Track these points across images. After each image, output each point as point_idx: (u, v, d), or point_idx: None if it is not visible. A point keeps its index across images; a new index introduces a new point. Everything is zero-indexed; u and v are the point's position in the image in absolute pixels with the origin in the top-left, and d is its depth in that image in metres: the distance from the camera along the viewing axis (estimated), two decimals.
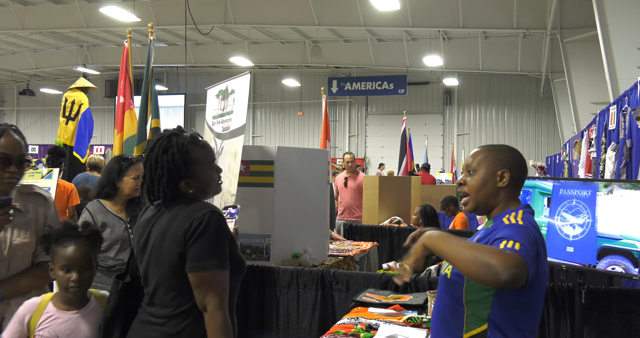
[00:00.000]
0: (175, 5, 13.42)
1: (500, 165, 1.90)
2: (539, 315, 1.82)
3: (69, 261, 2.06)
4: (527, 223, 1.77)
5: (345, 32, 16.84)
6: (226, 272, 1.89)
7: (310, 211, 4.51)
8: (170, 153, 1.97)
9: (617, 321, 3.22)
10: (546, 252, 1.82)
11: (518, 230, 1.70)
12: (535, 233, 1.75)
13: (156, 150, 1.99)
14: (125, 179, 3.29)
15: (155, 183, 1.97)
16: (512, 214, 1.82)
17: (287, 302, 3.87)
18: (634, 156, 4.04)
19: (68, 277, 2.05)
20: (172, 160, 1.96)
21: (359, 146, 22.28)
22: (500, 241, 1.65)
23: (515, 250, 1.59)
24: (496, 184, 1.89)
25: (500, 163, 1.91)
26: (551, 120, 19.02)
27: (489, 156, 1.93)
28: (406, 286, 3.69)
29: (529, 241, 1.65)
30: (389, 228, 6.74)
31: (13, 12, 14.84)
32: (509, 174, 1.89)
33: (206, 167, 2.04)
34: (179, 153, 1.97)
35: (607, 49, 6.83)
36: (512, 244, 1.61)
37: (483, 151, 1.96)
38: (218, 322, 1.85)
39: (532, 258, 1.61)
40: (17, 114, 26.53)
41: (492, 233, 1.79)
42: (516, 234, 1.67)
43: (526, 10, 12.20)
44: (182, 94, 22.99)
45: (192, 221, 1.88)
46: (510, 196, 1.90)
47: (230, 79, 4.50)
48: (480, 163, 1.93)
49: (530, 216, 1.85)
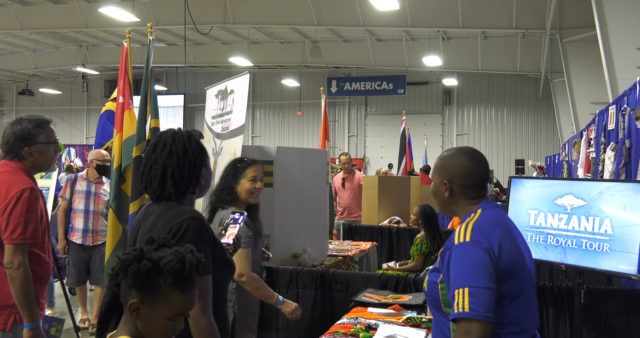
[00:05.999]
0: (174, 5, 13.42)
1: (442, 176, 1.95)
2: (526, 301, 1.81)
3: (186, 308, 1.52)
4: (475, 234, 1.77)
5: (345, 32, 16.84)
6: (208, 277, 1.89)
7: (309, 211, 4.51)
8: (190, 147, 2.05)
9: (617, 321, 3.23)
10: (512, 236, 1.83)
11: (462, 262, 1.73)
12: (486, 233, 1.77)
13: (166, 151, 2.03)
14: (242, 181, 3.07)
15: (186, 171, 2.00)
16: (466, 221, 1.84)
17: None
18: (633, 156, 4.04)
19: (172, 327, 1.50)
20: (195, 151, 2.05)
21: (358, 146, 22.28)
22: (452, 298, 1.70)
23: (466, 312, 1.65)
24: (444, 194, 1.94)
25: (442, 173, 1.95)
26: (550, 120, 19.03)
27: (437, 166, 1.99)
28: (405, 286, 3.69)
29: (477, 265, 1.70)
30: (388, 228, 6.75)
31: (12, 12, 14.82)
32: (449, 185, 1.92)
33: (206, 165, 2.11)
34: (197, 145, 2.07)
35: (606, 49, 6.83)
36: (462, 301, 1.67)
37: (437, 160, 2.02)
38: (202, 327, 1.85)
39: (484, 287, 1.68)
40: (16, 114, 26.45)
41: (447, 248, 1.82)
42: (460, 273, 1.72)
43: (525, 10, 12.20)
44: (181, 94, 22.97)
45: (172, 227, 1.90)
46: (464, 201, 1.93)
47: (230, 79, 4.50)
48: (432, 174, 2.02)
49: (488, 212, 1.86)
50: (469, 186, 1.92)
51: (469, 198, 1.92)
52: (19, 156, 2.61)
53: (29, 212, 2.49)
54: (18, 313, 2.52)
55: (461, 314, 1.66)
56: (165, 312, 1.45)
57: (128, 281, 1.45)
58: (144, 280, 1.44)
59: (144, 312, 1.45)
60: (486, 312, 1.66)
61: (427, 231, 5.14)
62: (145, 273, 1.43)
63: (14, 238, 2.46)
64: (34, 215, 2.52)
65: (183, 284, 1.45)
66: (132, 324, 1.50)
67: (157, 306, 1.44)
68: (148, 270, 1.43)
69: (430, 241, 5.10)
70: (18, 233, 2.46)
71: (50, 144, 2.69)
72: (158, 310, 1.44)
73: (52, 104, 25.34)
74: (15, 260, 2.44)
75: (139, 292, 1.44)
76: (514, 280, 1.76)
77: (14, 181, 2.53)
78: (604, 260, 2.83)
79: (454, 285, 1.71)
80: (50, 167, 2.75)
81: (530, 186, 3.25)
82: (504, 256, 1.75)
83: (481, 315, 1.65)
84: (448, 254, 1.78)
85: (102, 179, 5.31)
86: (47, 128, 2.70)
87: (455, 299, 1.68)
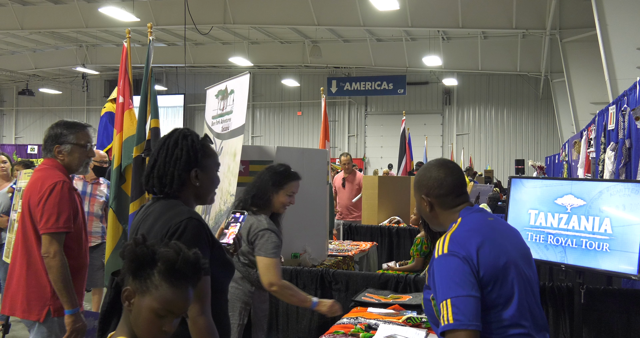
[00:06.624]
0: (174, 5, 13.42)
1: (419, 192, 1.98)
2: (523, 302, 1.79)
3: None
4: (451, 245, 1.77)
5: (345, 32, 16.85)
6: (206, 278, 1.88)
7: (309, 211, 4.51)
8: (189, 139, 2.03)
9: (617, 321, 3.22)
10: (494, 240, 1.81)
11: (442, 275, 1.73)
12: (463, 242, 1.77)
13: (175, 135, 2.04)
14: (281, 192, 3.04)
15: (171, 165, 1.99)
16: (445, 233, 1.85)
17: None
18: (633, 156, 4.04)
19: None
20: (191, 145, 2.02)
21: (358, 146, 22.29)
22: (439, 314, 1.70)
23: (450, 324, 1.65)
24: (426, 210, 1.96)
25: (419, 189, 1.98)
26: (550, 120, 19.04)
27: (414, 184, 2.02)
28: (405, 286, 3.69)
29: (456, 275, 1.70)
30: (388, 228, 6.74)
31: (12, 12, 14.83)
32: (427, 199, 1.94)
33: (215, 166, 2.10)
34: (198, 140, 2.05)
35: (606, 49, 6.83)
36: (446, 314, 1.66)
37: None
38: (201, 328, 1.85)
39: (466, 296, 1.67)
40: (16, 114, 26.52)
41: (431, 263, 1.83)
42: (441, 285, 1.72)
43: (525, 10, 12.21)
44: (181, 94, 22.99)
45: (169, 227, 1.90)
46: (444, 212, 1.94)
47: (230, 79, 4.49)
48: (414, 194, 2.04)
49: (467, 219, 1.86)
50: (443, 194, 1.92)
51: (448, 207, 1.93)
52: (51, 152, 2.81)
53: (61, 203, 2.66)
54: (52, 305, 2.67)
55: (447, 326, 1.65)
56: (154, 304, 1.44)
57: (125, 265, 1.49)
58: (138, 265, 1.46)
59: (136, 303, 1.47)
60: (471, 321, 1.64)
61: (427, 231, 5.14)
62: (140, 257, 1.46)
63: (48, 227, 2.63)
64: (67, 206, 2.68)
65: (175, 278, 1.46)
66: (129, 323, 1.51)
67: (147, 297, 1.45)
68: (143, 254, 1.46)
69: (430, 241, 5.09)
70: (52, 222, 2.63)
71: (79, 145, 2.82)
72: (147, 302, 1.45)
73: (52, 104, 25.35)
74: (52, 249, 2.61)
75: (133, 280, 1.47)
76: (500, 286, 1.75)
77: (48, 176, 2.72)
78: (604, 260, 2.83)
79: (438, 299, 1.71)
80: (80, 169, 2.88)
81: (531, 186, 3.25)
82: (482, 264, 1.73)
83: (465, 324, 1.63)
84: (431, 268, 1.80)
85: (99, 180, 5.25)
86: (79, 131, 2.85)
87: (441, 312, 1.68)
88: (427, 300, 1.85)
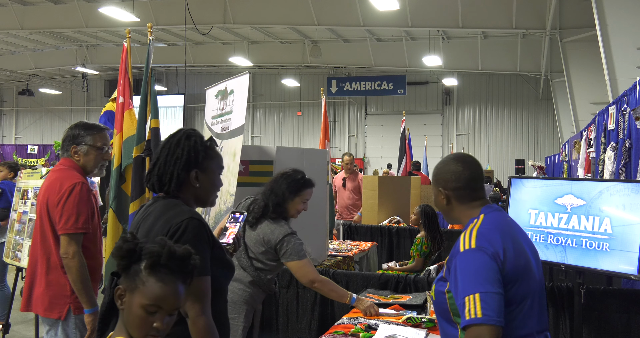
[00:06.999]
0: (174, 5, 13.42)
1: (437, 185, 1.98)
2: (532, 303, 1.80)
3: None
4: (479, 241, 1.76)
5: (345, 32, 16.84)
6: (206, 278, 1.88)
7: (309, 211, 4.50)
8: (192, 140, 2.03)
9: (617, 321, 3.23)
10: (516, 240, 1.82)
11: (470, 269, 1.73)
12: (490, 238, 1.77)
13: (179, 135, 2.04)
14: (297, 199, 3.08)
15: (171, 164, 1.99)
16: (469, 227, 1.84)
17: (286, 301, 3.87)
18: (633, 156, 4.04)
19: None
20: (193, 145, 2.02)
21: (358, 146, 22.28)
22: (462, 306, 1.68)
23: (478, 318, 1.64)
24: (443, 203, 1.97)
25: (437, 182, 1.99)
26: (550, 120, 19.03)
27: (432, 178, 2.02)
28: (405, 286, 3.69)
29: (485, 271, 1.70)
30: (388, 228, 6.75)
31: (12, 12, 14.83)
32: (444, 192, 1.95)
33: (217, 168, 2.09)
34: (201, 142, 2.05)
35: (606, 49, 6.83)
36: (474, 308, 1.65)
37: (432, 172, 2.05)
38: (201, 328, 1.85)
39: (495, 292, 1.67)
40: (16, 114, 26.51)
41: (453, 256, 1.82)
42: (469, 279, 1.71)
43: (525, 10, 12.20)
44: (181, 94, 22.98)
45: (170, 227, 1.89)
46: (462, 206, 1.94)
47: (230, 79, 4.49)
48: (432, 187, 2.04)
49: (491, 217, 1.87)
50: (461, 188, 1.93)
51: (465, 202, 1.93)
52: (68, 152, 2.86)
53: (80, 204, 2.70)
54: (72, 303, 2.72)
55: (474, 320, 1.65)
56: (142, 300, 1.44)
57: (117, 264, 1.51)
58: (127, 262, 1.48)
59: (127, 301, 1.47)
60: (498, 317, 1.65)
61: (427, 231, 5.14)
62: (127, 253, 1.48)
63: (67, 228, 2.66)
64: (86, 207, 2.73)
65: (160, 272, 1.46)
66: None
67: (136, 294, 1.45)
68: (129, 250, 1.48)
69: (430, 241, 5.09)
70: (71, 224, 2.66)
71: (95, 147, 2.86)
72: (137, 298, 1.45)
73: (52, 104, 25.34)
74: (70, 249, 2.65)
75: (124, 279, 1.49)
76: (519, 285, 1.76)
77: (67, 176, 2.76)
78: (604, 260, 2.83)
79: (464, 292, 1.70)
80: (95, 171, 2.91)
81: (531, 186, 3.25)
82: (508, 262, 1.75)
83: (494, 319, 1.64)
84: (454, 262, 1.78)
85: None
86: (96, 133, 2.89)
87: (466, 306, 1.67)
88: (440, 293, 1.84)
